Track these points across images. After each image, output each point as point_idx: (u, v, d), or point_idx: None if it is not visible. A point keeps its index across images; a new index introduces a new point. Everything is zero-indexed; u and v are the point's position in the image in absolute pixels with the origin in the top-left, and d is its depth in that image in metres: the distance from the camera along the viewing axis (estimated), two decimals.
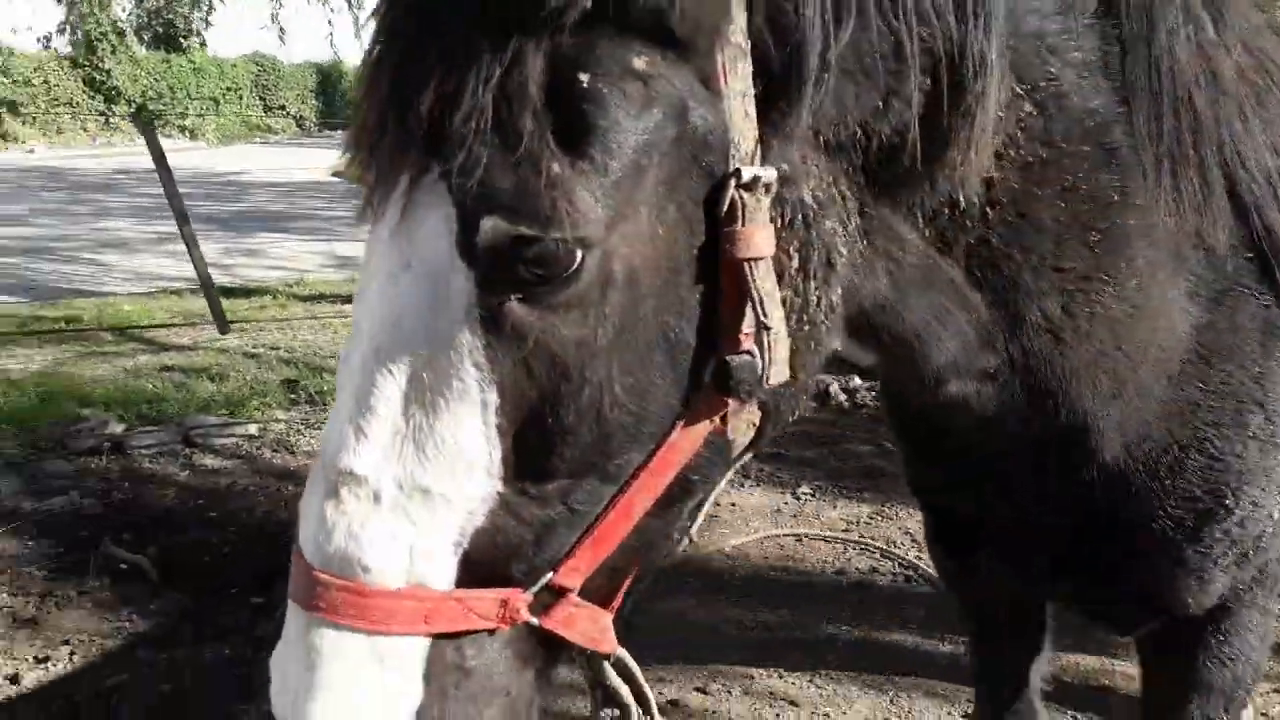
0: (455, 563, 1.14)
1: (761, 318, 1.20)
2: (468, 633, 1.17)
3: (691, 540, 4.77)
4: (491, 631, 1.18)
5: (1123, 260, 1.55)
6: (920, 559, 4.77)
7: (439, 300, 1.11)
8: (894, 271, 1.43)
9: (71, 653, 4.25)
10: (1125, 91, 1.50)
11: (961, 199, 1.41)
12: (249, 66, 42.69)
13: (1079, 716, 3.63)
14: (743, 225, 1.17)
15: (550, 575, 1.19)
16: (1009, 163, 1.45)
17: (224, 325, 9.06)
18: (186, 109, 36.99)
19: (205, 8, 25.23)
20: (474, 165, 1.05)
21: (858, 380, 6.90)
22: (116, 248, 14.71)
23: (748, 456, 1.43)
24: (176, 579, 4.81)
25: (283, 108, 44.18)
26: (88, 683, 4.01)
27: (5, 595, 4.72)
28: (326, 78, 44.95)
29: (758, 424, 1.31)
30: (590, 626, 1.25)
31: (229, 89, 41.10)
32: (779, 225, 1.22)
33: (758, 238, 1.18)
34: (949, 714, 3.72)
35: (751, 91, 1.17)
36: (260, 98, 43.22)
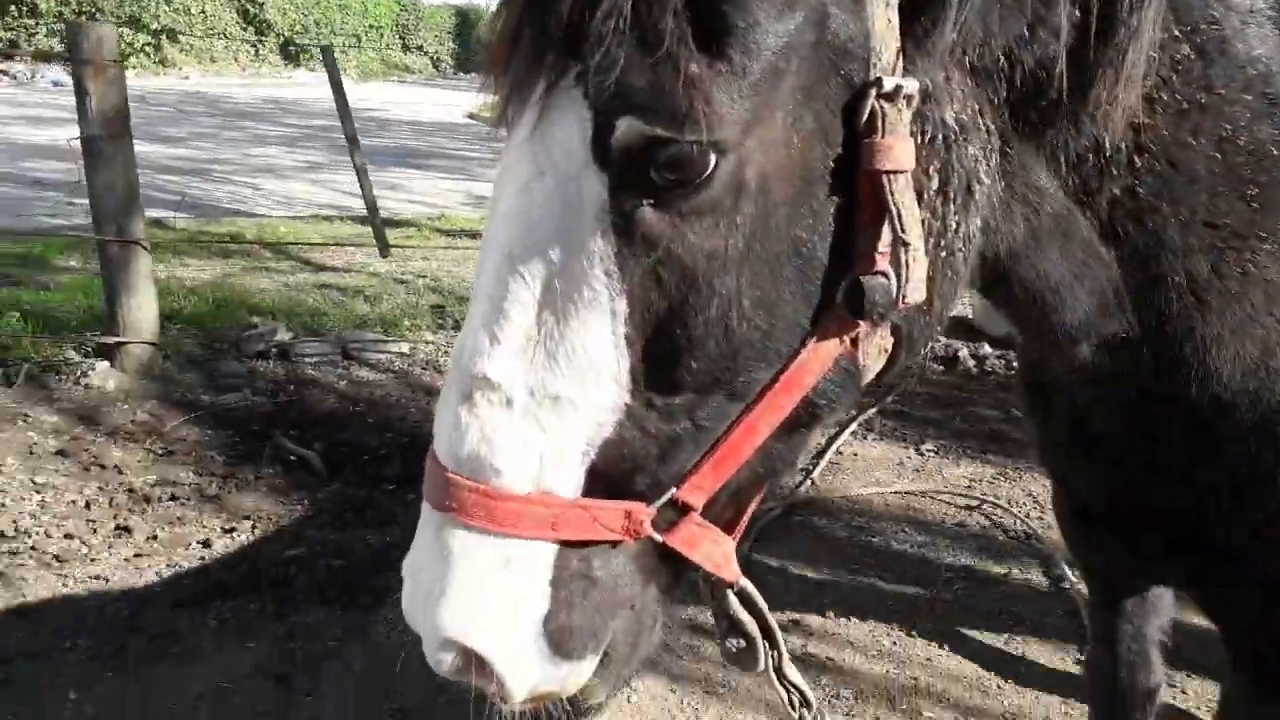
0: (582, 472, 1.16)
1: (899, 233, 1.17)
2: (593, 543, 1.18)
3: (814, 484, 5.03)
4: (616, 544, 1.19)
5: None
6: (1043, 518, 4.90)
7: (571, 206, 1.11)
8: (1031, 219, 1.39)
9: (253, 527, 4.74)
10: None
11: (1107, 144, 1.36)
12: (391, 5, 43.70)
13: (1193, 676, 3.74)
14: (882, 136, 1.15)
15: (674, 491, 1.19)
16: (1161, 108, 1.39)
17: (385, 249, 9.58)
18: (331, 44, 38.20)
19: None
20: (611, 65, 1.05)
21: (988, 348, 6.96)
22: (268, 173, 15.48)
23: (876, 402, 1.37)
24: (340, 472, 5.28)
25: (420, 48, 45.16)
26: (267, 553, 4.48)
27: (192, 474, 5.25)
28: (464, 20, 45.73)
29: (890, 350, 1.29)
30: (713, 550, 1.25)
31: (371, 27, 42.20)
32: (919, 142, 1.20)
33: (898, 150, 1.16)
34: (1062, 659, 3.89)
35: (895, 1, 1.16)
36: (400, 37, 44.25)
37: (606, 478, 1.17)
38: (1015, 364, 6.82)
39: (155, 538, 4.61)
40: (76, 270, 8.52)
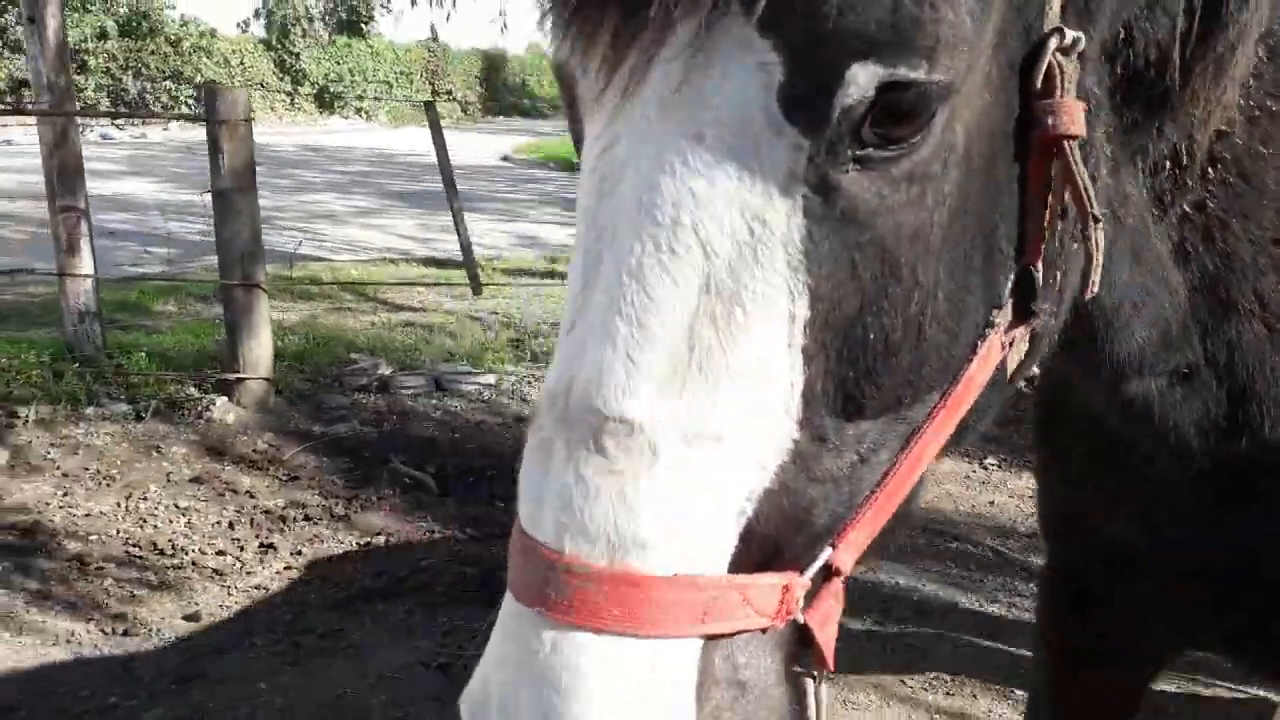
0: (736, 535, 0.90)
1: (1090, 208, 1.00)
2: (736, 633, 0.91)
3: None
4: (764, 630, 0.93)
5: None
6: None
7: (746, 178, 0.87)
8: (1108, 232, 1.18)
9: (385, 541, 5.23)
10: None
11: (1184, 152, 1.23)
12: (420, 52, 44.89)
13: None
14: (1062, 96, 0.98)
15: (829, 552, 0.96)
16: (1237, 113, 1.28)
17: (478, 288, 10.24)
18: (363, 92, 39.24)
19: None
20: None
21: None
22: (326, 219, 16.14)
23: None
24: (450, 493, 5.76)
25: (449, 93, 46.27)
26: (404, 563, 4.97)
27: (318, 497, 5.75)
28: (491, 64, 46.90)
29: (1023, 358, 1.10)
30: (832, 630, 0.99)
31: (402, 73, 43.33)
32: None
33: (1079, 113, 0.99)
34: None
35: None
36: (429, 82, 45.36)
37: (761, 540, 0.92)
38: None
39: (300, 553, 5.10)
40: (175, 314, 9.10)
